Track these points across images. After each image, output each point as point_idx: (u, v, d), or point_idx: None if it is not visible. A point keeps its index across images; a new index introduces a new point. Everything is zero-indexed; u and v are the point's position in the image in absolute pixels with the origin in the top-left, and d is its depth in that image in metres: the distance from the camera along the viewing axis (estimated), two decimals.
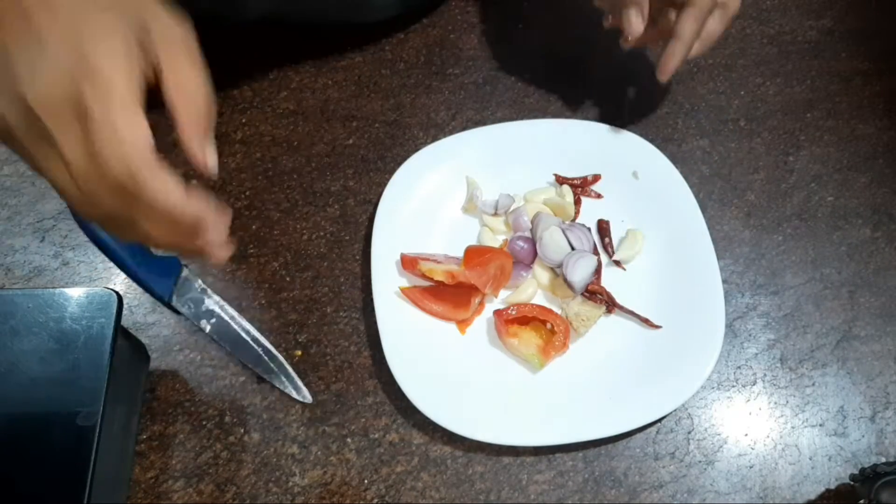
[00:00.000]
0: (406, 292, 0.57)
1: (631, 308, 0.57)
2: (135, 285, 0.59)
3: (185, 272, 0.55)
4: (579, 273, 0.56)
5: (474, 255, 0.56)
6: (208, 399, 0.55)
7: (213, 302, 0.56)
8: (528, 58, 0.70)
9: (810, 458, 0.53)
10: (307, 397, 0.55)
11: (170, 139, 0.34)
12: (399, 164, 0.61)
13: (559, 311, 0.57)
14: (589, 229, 0.59)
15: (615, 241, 0.60)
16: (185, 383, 0.55)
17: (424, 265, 0.56)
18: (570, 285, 0.56)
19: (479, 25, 0.71)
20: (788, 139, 0.65)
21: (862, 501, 0.48)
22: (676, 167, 0.61)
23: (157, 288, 0.53)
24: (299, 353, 0.57)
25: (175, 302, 0.54)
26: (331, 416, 0.54)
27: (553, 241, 0.57)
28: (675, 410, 0.54)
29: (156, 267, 0.53)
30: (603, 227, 0.60)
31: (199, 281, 0.55)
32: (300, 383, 0.55)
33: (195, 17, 0.36)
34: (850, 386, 0.55)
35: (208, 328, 0.55)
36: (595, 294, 0.57)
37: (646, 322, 0.56)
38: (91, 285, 0.59)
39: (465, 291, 0.56)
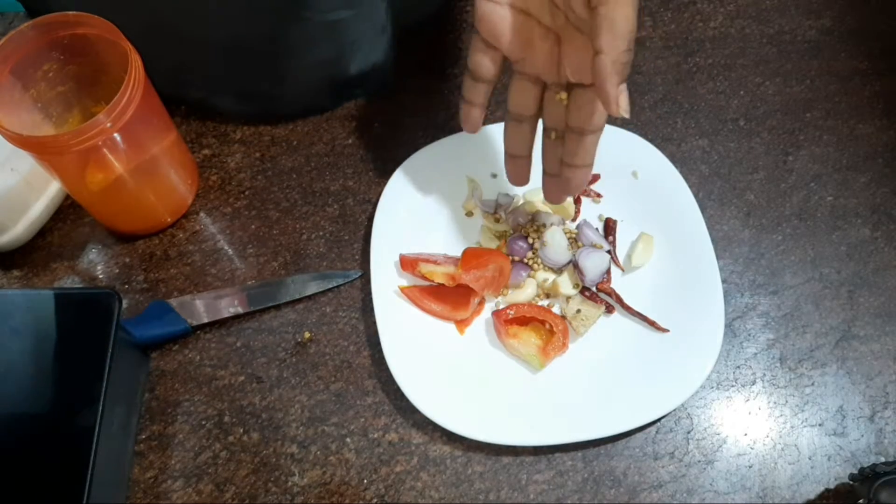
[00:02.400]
0: (405, 292, 0.57)
1: (631, 307, 0.57)
2: (132, 285, 0.59)
3: (173, 304, 0.57)
4: (593, 267, 0.56)
5: (472, 257, 0.56)
6: (208, 399, 0.55)
7: (214, 295, 0.57)
8: None
9: (809, 458, 0.53)
10: (357, 273, 0.59)
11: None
12: (399, 164, 0.61)
13: (558, 312, 0.57)
14: (597, 229, 0.60)
15: (621, 242, 0.60)
16: (185, 383, 0.55)
17: (424, 267, 0.56)
18: (582, 278, 0.56)
19: None
20: (788, 139, 0.65)
21: (861, 501, 0.48)
22: (676, 167, 0.61)
23: (176, 329, 0.56)
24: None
25: (195, 324, 0.56)
26: (330, 416, 0.54)
27: (553, 242, 0.57)
28: (674, 410, 0.54)
29: (153, 324, 0.56)
30: (609, 226, 0.60)
31: (185, 298, 0.58)
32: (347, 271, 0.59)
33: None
34: (850, 385, 0.55)
35: (240, 308, 0.57)
36: (603, 294, 0.57)
37: (653, 325, 0.56)
38: (90, 285, 0.59)
39: (465, 291, 0.56)
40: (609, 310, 0.57)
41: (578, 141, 0.48)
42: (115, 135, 0.49)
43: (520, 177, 0.53)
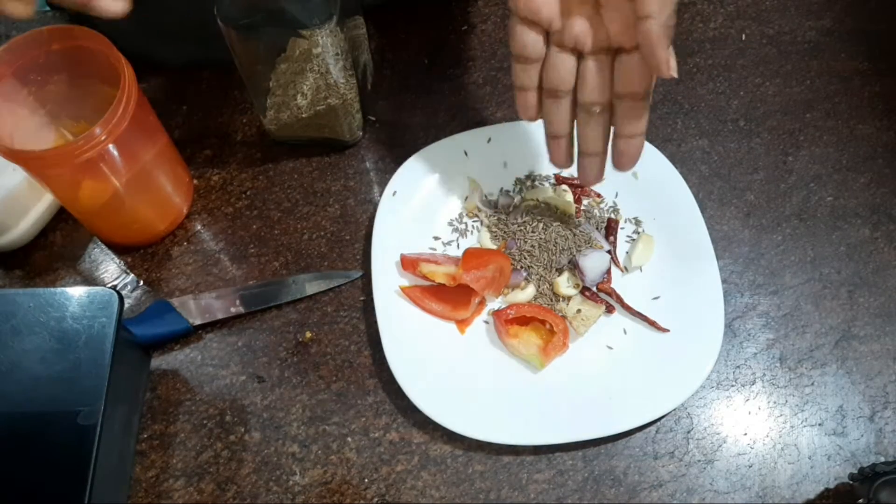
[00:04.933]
0: (406, 292, 0.57)
1: (631, 307, 0.57)
2: (134, 285, 0.59)
3: (174, 303, 0.56)
4: (593, 267, 0.56)
5: (472, 257, 0.56)
6: (209, 398, 0.55)
7: (215, 295, 0.57)
8: None
9: (809, 458, 0.53)
10: (358, 273, 0.59)
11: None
12: (399, 164, 0.61)
13: (558, 312, 0.57)
14: (597, 229, 0.60)
15: (622, 242, 0.60)
16: (186, 382, 0.56)
17: (425, 267, 0.57)
18: (582, 278, 0.56)
19: (479, 25, 0.72)
20: (788, 139, 0.65)
21: (861, 501, 0.48)
22: (676, 167, 0.61)
23: (177, 329, 0.56)
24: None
25: (197, 323, 0.56)
26: (331, 416, 0.54)
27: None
28: (674, 410, 0.54)
29: (155, 323, 0.56)
30: (610, 226, 0.60)
31: (187, 297, 0.58)
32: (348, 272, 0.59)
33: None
34: (849, 385, 0.55)
35: (241, 308, 0.57)
36: (604, 294, 0.57)
37: (653, 325, 0.56)
38: (92, 284, 0.59)
39: (465, 291, 0.56)
40: (609, 310, 0.57)
41: (632, 107, 0.47)
42: (110, 146, 0.49)
43: (565, 157, 0.51)
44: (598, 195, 0.62)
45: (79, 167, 0.49)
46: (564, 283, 0.57)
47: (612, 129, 0.49)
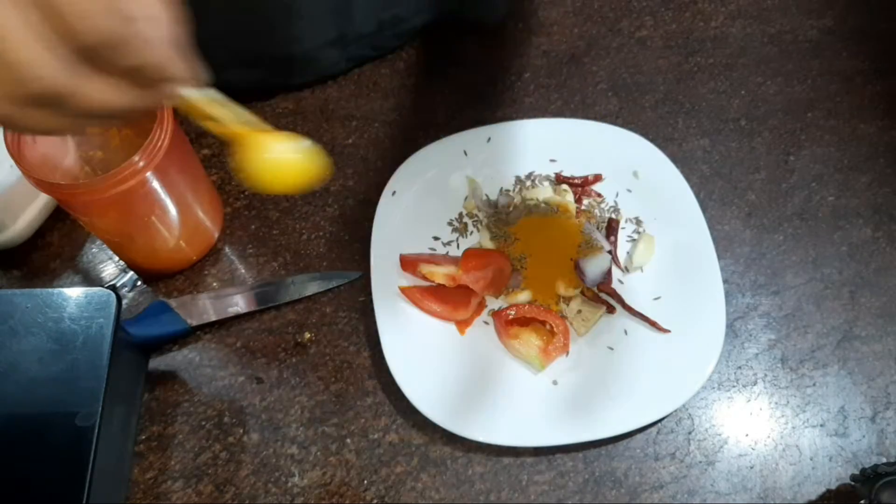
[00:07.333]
0: (406, 292, 0.56)
1: (632, 308, 0.56)
2: (132, 285, 0.59)
3: (172, 304, 0.56)
4: (594, 267, 0.56)
5: (472, 258, 0.56)
6: (207, 399, 0.55)
7: (213, 295, 0.57)
8: (528, 58, 0.69)
9: (811, 459, 0.53)
10: (357, 273, 0.58)
11: None
12: (399, 164, 0.61)
13: (559, 312, 0.56)
14: (598, 229, 0.59)
15: (623, 241, 0.60)
16: (185, 384, 0.55)
17: (425, 267, 0.56)
18: (583, 278, 0.56)
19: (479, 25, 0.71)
20: (789, 139, 0.65)
21: (863, 502, 0.48)
22: (677, 167, 0.61)
23: (175, 329, 0.55)
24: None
25: (195, 324, 0.56)
26: (330, 417, 0.54)
27: None
28: (675, 411, 0.53)
29: (153, 323, 0.55)
30: (611, 226, 0.60)
31: (185, 298, 0.57)
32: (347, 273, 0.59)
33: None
34: (851, 386, 0.55)
35: (240, 308, 0.57)
36: (605, 295, 0.57)
37: (654, 325, 0.55)
38: (90, 284, 0.59)
39: (465, 292, 0.56)
40: (610, 310, 0.57)
41: None
42: (149, 175, 0.47)
43: None
44: (599, 195, 0.62)
45: (115, 197, 0.47)
46: (565, 284, 0.57)
47: None
